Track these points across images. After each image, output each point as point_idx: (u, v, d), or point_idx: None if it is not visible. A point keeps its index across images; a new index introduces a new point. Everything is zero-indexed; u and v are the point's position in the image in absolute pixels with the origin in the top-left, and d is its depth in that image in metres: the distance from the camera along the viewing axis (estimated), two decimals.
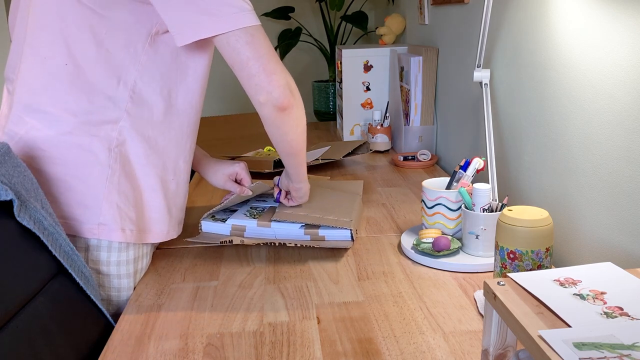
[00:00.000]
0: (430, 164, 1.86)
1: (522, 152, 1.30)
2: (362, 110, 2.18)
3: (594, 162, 1.02)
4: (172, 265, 1.20)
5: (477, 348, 0.88)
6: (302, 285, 1.09)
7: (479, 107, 1.57)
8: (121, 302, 1.09)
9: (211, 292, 1.08)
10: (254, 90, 1.03)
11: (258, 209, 1.36)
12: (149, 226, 1.11)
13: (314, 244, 1.22)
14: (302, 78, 3.12)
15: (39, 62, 1.03)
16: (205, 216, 1.32)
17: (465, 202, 1.14)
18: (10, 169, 0.90)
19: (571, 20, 1.07)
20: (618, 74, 0.94)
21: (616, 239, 0.97)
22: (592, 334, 0.60)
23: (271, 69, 1.01)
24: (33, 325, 0.87)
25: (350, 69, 2.15)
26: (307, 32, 2.96)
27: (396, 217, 1.42)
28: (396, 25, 2.39)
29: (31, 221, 0.91)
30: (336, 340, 0.91)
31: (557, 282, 0.72)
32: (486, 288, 0.73)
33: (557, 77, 1.13)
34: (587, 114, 1.04)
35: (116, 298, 1.09)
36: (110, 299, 1.09)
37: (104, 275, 1.07)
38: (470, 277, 1.10)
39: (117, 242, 1.06)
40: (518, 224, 0.92)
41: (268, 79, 1.02)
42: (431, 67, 1.93)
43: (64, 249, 0.98)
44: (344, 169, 1.86)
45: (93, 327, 1.01)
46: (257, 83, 1.02)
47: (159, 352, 0.90)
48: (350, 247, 1.25)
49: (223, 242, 1.25)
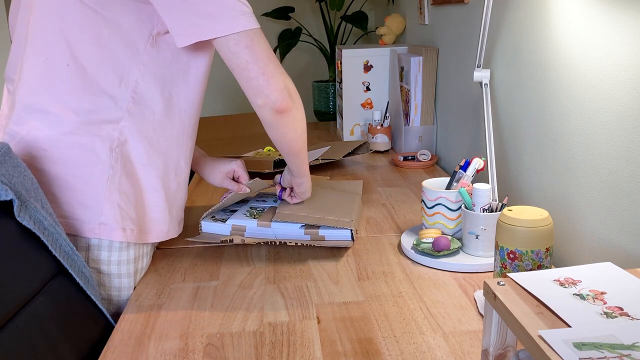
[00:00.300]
0: (430, 164, 1.86)
1: (522, 152, 1.30)
2: (362, 110, 2.18)
3: (594, 162, 1.02)
4: (172, 265, 1.20)
5: (477, 348, 0.88)
6: (302, 285, 1.09)
7: (479, 107, 1.57)
8: (121, 301, 1.09)
9: (211, 292, 1.08)
10: (252, 93, 1.03)
11: (258, 209, 1.36)
12: (150, 226, 1.11)
13: (315, 242, 1.22)
14: (302, 78, 3.12)
15: (40, 62, 1.03)
16: (204, 216, 1.32)
17: (465, 202, 1.14)
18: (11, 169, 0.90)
19: (571, 20, 1.07)
20: (618, 74, 0.94)
21: (616, 239, 0.97)
22: (592, 334, 0.60)
23: (270, 72, 1.02)
24: (33, 325, 0.87)
25: (350, 69, 2.15)
26: (307, 32, 2.96)
27: (396, 217, 1.42)
28: (396, 25, 2.39)
29: (31, 221, 0.91)
30: (336, 340, 0.91)
31: (557, 282, 0.73)
32: (486, 288, 0.73)
33: (557, 77, 1.13)
34: (587, 114, 1.04)
35: (116, 297, 1.09)
36: (110, 299, 1.09)
37: (105, 274, 1.07)
38: (470, 277, 1.10)
39: (118, 241, 1.06)
40: (518, 224, 0.92)
41: (266, 82, 1.02)
42: (431, 67, 1.93)
43: (64, 249, 0.98)
44: (344, 169, 1.86)
45: (93, 327, 1.01)
46: (256, 86, 1.02)
47: (159, 352, 0.90)
48: (351, 246, 1.26)
49: (223, 241, 1.25)
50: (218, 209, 1.35)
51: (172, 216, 1.15)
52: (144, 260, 1.14)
